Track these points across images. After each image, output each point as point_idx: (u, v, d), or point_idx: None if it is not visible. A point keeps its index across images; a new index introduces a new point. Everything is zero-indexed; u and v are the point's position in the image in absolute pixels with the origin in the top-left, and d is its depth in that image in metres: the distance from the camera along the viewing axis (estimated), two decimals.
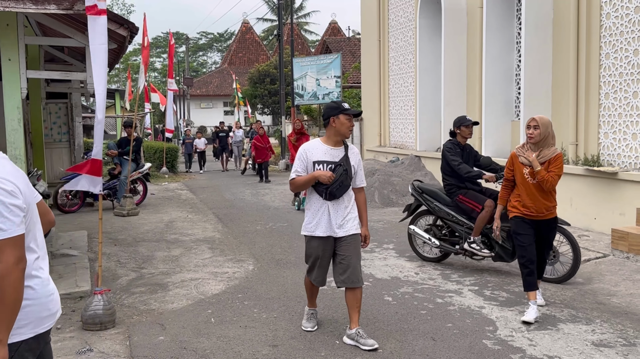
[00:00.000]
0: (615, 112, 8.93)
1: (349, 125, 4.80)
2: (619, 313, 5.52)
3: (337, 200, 4.78)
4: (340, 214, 4.80)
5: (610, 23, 8.97)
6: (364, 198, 5.02)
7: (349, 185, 4.80)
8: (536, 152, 5.33)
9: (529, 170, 5.34)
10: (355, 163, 4.86)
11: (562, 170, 5.29)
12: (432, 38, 14.11)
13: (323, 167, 4.77)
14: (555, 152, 5.30)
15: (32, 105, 11.10)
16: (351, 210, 4.86)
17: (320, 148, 4.83)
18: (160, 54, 72.74)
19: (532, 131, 5.28)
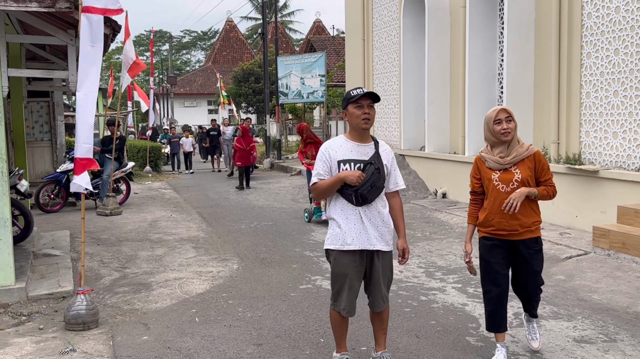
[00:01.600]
0: (596, 110, 9.03)
1: (360, 115, 3.99)
2: (600, 309, 5.59)
3: (370, 206, 4.03)
4: (375, 222, 4.06)
5: (591, 23, 9.07)
6: (401, 204, 4.25)
7: (382, 187, 4.05)
8: (505, 153, 4.24)
9: (500, 175, 4.23)
10: (387, 162, 4.11)
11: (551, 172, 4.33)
12: (416, 37, 14.17)
13: (350, 167, 4.02)
14: (530, 150, 4.25)
15: (14, 104, 10.98)
16: (387, 219, 4.13)
17: (345, 146, 4.08)
18: (142, 52, 72.26)
19: (506, 125, 4.16)
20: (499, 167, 4.25)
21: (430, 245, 8.45)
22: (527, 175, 4.19)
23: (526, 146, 4.28)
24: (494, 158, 4.26)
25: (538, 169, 4.25)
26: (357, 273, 4.10)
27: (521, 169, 4.22)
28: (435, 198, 12.52)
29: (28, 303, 5.99)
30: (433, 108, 13.02)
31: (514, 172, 4.21)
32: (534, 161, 4.25)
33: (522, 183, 4.19)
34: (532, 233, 4.25)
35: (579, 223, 8.85)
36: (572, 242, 8.07)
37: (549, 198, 4.25)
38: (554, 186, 4.27)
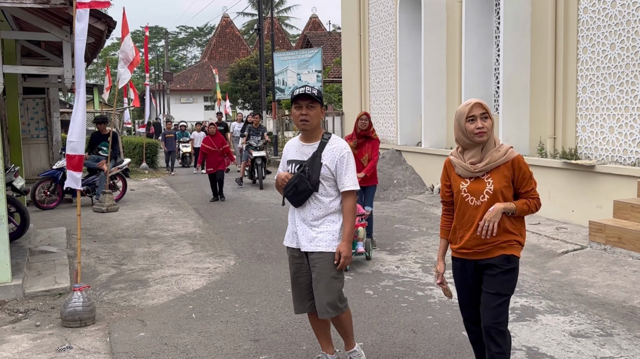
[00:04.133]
0: (592, 105, 9.04)
1: (299, 116, 3.89)
2: (596, 303, 5.61)
3: (304, 207, 3.94)
4: (308, 225, 3.94)
5: (587, 17, 9.07)
6: (350, 206, 3.92)
7: (308, 190, 3.86)
8: (477, 158, 3.47)
9: (469, 185, 3.48)
10: (330, 162, 3.88)
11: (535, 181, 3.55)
12: (412, 33, 14.16)
13: (292, 167, 3.99)
14: (508, 155, 3.45)
15: (9, 101, 10.95)
16: (326, 222, 3.92)
17: (295, 145, 4.06)
18: (138, 48, 72.03)
19: (481, 123, 3.40)
20: (469, 175, 3.49)
21: (427, 240, 8.46)
22: (502, 186, 3.42)
23: (504, 149, 3.46)
24: (464, 164, 3.50)
25: (517, 178, 3.46)
26: (298, 269, 4.05)
27: (495, 178, 3.43)
28: (431, 193, 12.53)
29: (24, 300, 5.98)
30: (429, 103, 13.02)
31: (486, 182, 3.44)
32: (511, 169, 3.44)
33: (494, 196, 3.42)
34: (504, 250, 3.47)
35: (575, 217, 8.86)
36: (569, 237, 8.09)
37: (530, 212, 3.51)
38: (537, 199, 3.50)
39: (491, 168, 3.45)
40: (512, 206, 3.41)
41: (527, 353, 4.49)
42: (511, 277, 3.50)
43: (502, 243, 3.46)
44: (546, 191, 9.42)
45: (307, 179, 3.87)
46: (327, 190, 3.93)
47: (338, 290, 3.94)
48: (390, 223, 9.79)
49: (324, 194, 3.93)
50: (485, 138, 3.44)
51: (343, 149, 3.94)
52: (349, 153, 3.95)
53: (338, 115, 19.50)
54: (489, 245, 3.45)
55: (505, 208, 3.39)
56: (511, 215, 3.45)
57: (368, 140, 7.71)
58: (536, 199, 3.51)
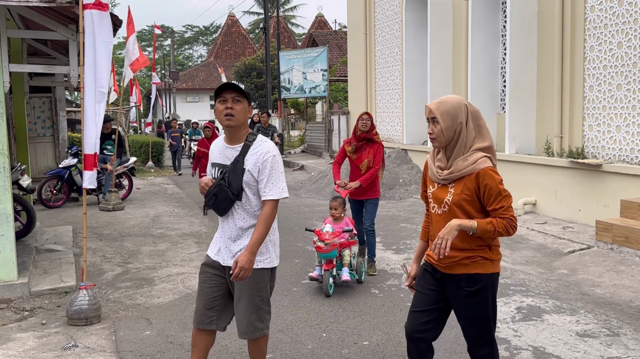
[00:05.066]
0: (599, 104, 9.00)
1: (223, 110, 3.47)
2: (603, 303, 5.58)
3: (227, 217, 3.54)
4: (231, 237, 3.54)
5: (594, 16, 9.02)
6: (265, 216, 3.44)
7: (229, 200, 3.46)
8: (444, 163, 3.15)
9: (435, 191, 3.19)
10: (254, 167, 3.44)
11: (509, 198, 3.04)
12: (418, 31, 14.13)
13: (215, 172, 3.59)
14: (475, 166, 3.03)
15: (16, 99, 10.98)
16: (249, 234, 3.50)
17: (219, 147, 3.63)
18: (145, 47, 72.23)
19: (430, 127, 3.14)
20: (436, 180, 3.19)
21: None
22: (462, 199, 3.05)
23: (473, 159, 3.04)
24: (433, 167, 3.23)
25: (482, 194, 3.03)
26: (208, 279, 3.61)
27: (457, 189, 3.08)
28: None
29: (31, 299, 5.99)
30: None
31: (449, 191, 3.10)
32: (476, 182, 3.02)
33: (452, 209, 3.07)
34: (466, 268, 3.08)
35: (582, 217, 8.82)
36: (575, 236, 8.05)
37: (498, 235, 3.01)
38: (508, 219, 2.99)
39: (455, 177, 3.08)
40: (472, 224, 2.98)
41: (533, 352, 4.47)
42: (480, 299, 3.11)
43: (464, 259, 3.08)
44: (553, 190, 9.39)
45: (228, 187, 3.45)
46: (250, 197, 3.48)
47: (259, 309, 3.54)
48: (396, 222, 9.77)
49: (249, 203, 3.49)
50: (436, 144, 3.14)
51: (267, 152, 3.46)
52: (274, 157, 3.47)
53: (344, 114, 19.48)
54: (451, 261, 3.10)
55: (462, 226, 2.99)
56: (472, 234, 3.04)
57: (369, 143, 6.74)
58: (507, 219, 3.00)
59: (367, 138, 6.75)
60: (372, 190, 6.70)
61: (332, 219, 6.23)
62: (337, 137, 20.04)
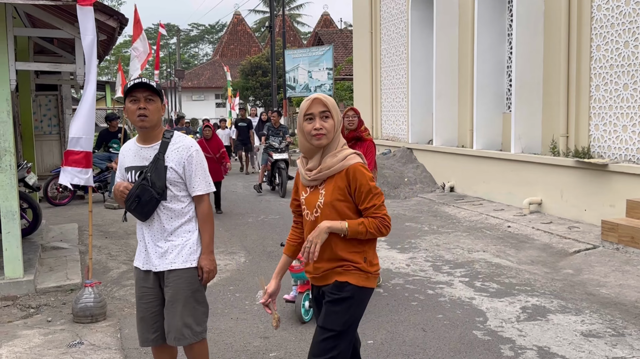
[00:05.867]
0: (605, 104, 8.96)
1: (135, 111, 3.28)
2: (608, 303, 5.57)
3: (152, 221, 3.38)
4: (159, 239, 3.37)
5: (601, 15, 8.99)
6: (204, 212, 3.41)
7: (154, 200, 3.30)
8: (315, 164, 2.93)
9: (307, 196, 2.98)
10: (178, 164, 3.34)
11: (381, 196, 2.88)
12: (423, 30, 14.10)
13: (131, 176, 3.40)
14: (345, 161, 2.87)
15: (22, 97, 11.02)
16: (181, 233, 3.38)
17: (132, 149, 3.44)
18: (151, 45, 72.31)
19: (320, 123, 2.86)
20: (307, 184, 2.98)
21: (438, 239, 8.43)
22: (335, 198, 2.85)
23: (342, 155, 2.88)
24: (302, 170, 3.00)
25: (353, 191, 2.85)
26: (144, 294, 3.43)
27: (327, 189, 2.88)
28: (442, 191, 12.49)
29: (36, 296, 6.02)
30: (441, 101, 12.97)
31: (320, 193, 2.91)
32: (346, 179, 2.85)
33: (325, 212, 2.86)
34: (338, 276, 2.87)
35: (588, 217, 8.80)
36: (581, 236, 8.03)
37: (370, 236, 2.84)
38: (380, 218, 2.84)
39: (325, 176, 2.89)
40: (343, 225, 2.81)
41: (538, 352, 4.46)
42: (341, 309, 2.84)
43: (337, 267, 2.88)
44: (558, 190, 9.36)
45: (151, 187, 3.28)
46: (177, 196, 3.37)
47: (196, 311, 3.40)
48: (400, 221, 9.76)
49: (174, 201, 3.36)
50: (325, 141, 2.87)
51: (190, 147, 3.37)
52: (198, 151, 3.40)
53: None
54: (326, 269, 2.89)
55: (332, 228, 2.81)
56: (345, 236, 2.84)
57: (359, 142, 6.17)
58: (379, 219, 2.83)
59: (356, 137, 6.17)
60: None
61: None
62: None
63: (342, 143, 2.95)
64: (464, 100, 12.60)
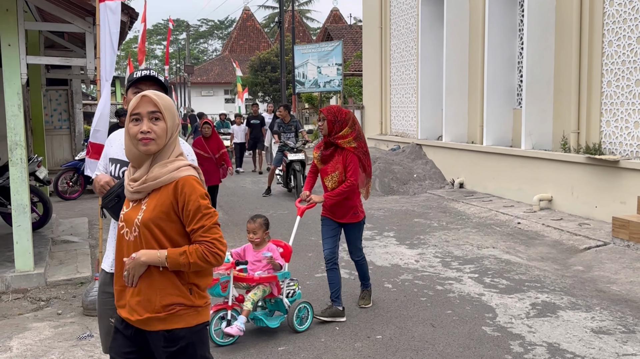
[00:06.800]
0: (617, 100, 8.89)
1: None
2: (618, 300, 5.53)
3: None
4: None
5: (613, 10, 8.91)
6: None
7: None
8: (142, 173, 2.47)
9: (129, 210, 2.50)
10: None
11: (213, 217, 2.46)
12: (433, 25, 14.04)
13: (115, 169, 3.17)
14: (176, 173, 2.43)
15: (32, 92, 11.07)
16: None
17: (120, 140, 3.16)
18: (160, 41, 72.50)
19: (148, 126, 2.42)
20: (130, 197, 2.50)
21: (447, 235, 8.41)
22: (156, 216, 2.39)
23: (175, 165, 2.44)
24: (126, 181, 2.53)
25: (182, 209, 2.40)
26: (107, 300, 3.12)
27: (150, 205, 2.42)
28: (452, 188, 12.45)
29: (47, 289, 6.05)
30: (451, 97, 12.91)
31: (141, 208, 2.44)
32: (173, 194, 2.40)
33: (143, 232, 2.41)
34: (164, 323, 2.41)
35: (599, 213, 8.74)
36: (591, 233, 7.98)
37: (196, 267, 2.40)
38: (209, 244, 2.40)
39: (150, 189, 2.43)
40: (162, 255, 2.36)
41: (548, 349, 4.44)
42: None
43: (161, 309, 2.39)
44: (569, 186, 9.30)
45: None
46: None
47: None
48: (409, 217, 9.74)
49: None
50: (153, 147, 2.41)
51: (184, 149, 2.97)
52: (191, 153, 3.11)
53: (358, 108, 19.43)
54: (148, 313, 2.40)
55: (149, 259, 2.36)
56: (163, 269, 2.39)
57: (338, 150, 5.07)
58: (205, 244, 2.39)
59: (335, 144, 5.09)
60: (351, 211, 5.15)
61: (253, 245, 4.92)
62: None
63: (177, 153, 2.48)
64: (474, 95, 12.55)
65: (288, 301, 4.87)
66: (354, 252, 5.35)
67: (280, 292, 4.84)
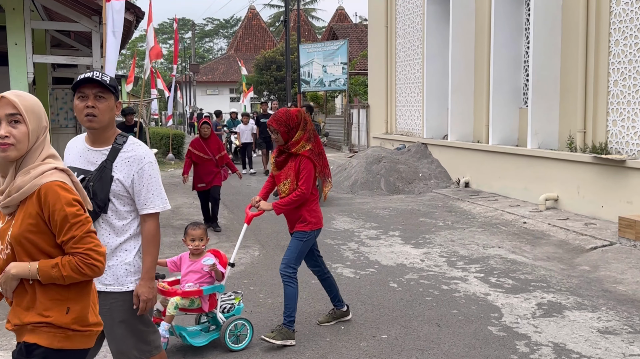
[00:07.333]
0: (624, 99, 8.86)
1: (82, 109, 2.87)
2: (625, 300, 5.51)
3: None
4: None
5: (619, 9, 8.87)
6: (150, 233, 3.02)
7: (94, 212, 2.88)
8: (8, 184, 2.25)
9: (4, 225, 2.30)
10: (127, 177, 2.94)
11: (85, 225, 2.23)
12: (439, 24, 14.01)
13: None
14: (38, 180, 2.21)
15: (39, 90, 11.12)
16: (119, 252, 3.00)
17: (79, 147, 3.05)
18: (166, 39, 72.62)
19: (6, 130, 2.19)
20: (2, 211, 2.31)
21: (452, 234, 8.39)
22: (26, 230, 2.20)
23: (38, 171, 2.22)
24: None
25: (49, 219, 2.19)
26: None
27: (18, 218, 2.22)
28: (457, 187, 12.43)
29: None
30: (456, 96, 12.89)
31: (11, 223, 2.24)
32: (38, 204, 2.19)
33: (14, 249, 2.23)
34: (29, 335, 2.24)
35: (605, 213, 8.71)
36: (598, 233, 7.95)
37: (70, 279, 2.21)
38: (84, 256, 2.20)
39: (16, 201, 2.22)
40: (33, 267, 2.18)
41: (554, 349, 4.43)
42: None
43: (30, 323, 2.23)
44: (575, 186, 9.27)
45: (92, 198, 2.88)
46: (119, 211, 2.98)
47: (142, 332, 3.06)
48: (415, 217, 9.73)
49: (116, 216, 2.98)
50: (13, 154, 2.19)
51: (143, 159, 2.97)
52: (151, 164, 2.99)
53: (363, 107, 19.42)
54: (17, 324, 2.27)
55: (19, 272, 2.19)
56: (34, 283, 2.23)
57: (292, 157, 4.69)
58: (79, 256, 2.20)
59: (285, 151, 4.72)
60: (299, 219, 4.73)
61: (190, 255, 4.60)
62: (357, 130, 19.99)
63: (44, 155, 2.25)
64: (479, 95, 12.52)
65: (223, 316, 4.52)
66: (283, 264, 4.68)
67: (215, 306, 4.48)
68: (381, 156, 13.35)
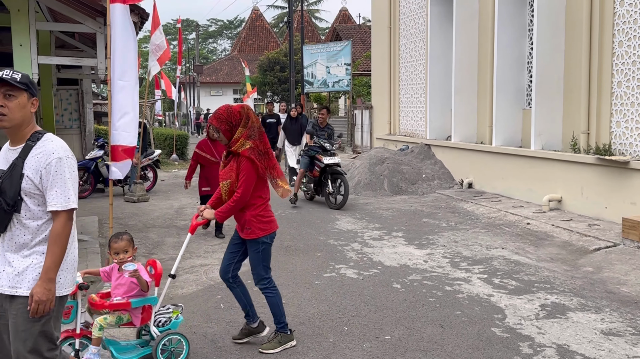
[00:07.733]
0: (627, 100, 8.85)
1: None
2: (628, 302, 5.51)
3: (5, 234, 2.93)
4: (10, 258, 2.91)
5: (623, 10, 8.86)
6: (57, 230, 2.88)
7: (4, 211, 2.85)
8: None
9: None
10: (35, 173, 2.87)
11: None
12: (443, 25, 14.02)
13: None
14: None
15: (43, 91, 11.15)
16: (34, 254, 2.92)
17: (3, 149, 3.05)
18: (170, 40, 72.66)
19: None
20: None
21: (456, 235, 8.39)
22: None
23: None
24: None
25: None
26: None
27: None
28: (461, 188, 12.42)
29: None
30: (460, 97, 12.89)
31: None
32: None
33: None
34: None
35: (608, 214, 8.70)
36: (601, 234, 7.95)
37: None
38: None
39: None
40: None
41: (557, 350, 4.43)
42: None
43: None
44: (579, 187, 9.27)
45: (1, 196, 2.84)
46: (32, 210, 2.89)
47: (40, 346, 2.90)
48: (418, 218, 9.73)
49: (30, 216, 2.90)
50: None
51: (51, 154, 2.88)
52: (59, 160, 2.89)
53: (367, 108, 19.42)
54: None
55: None
56: None
57: (235, 157, 4.41)
58: None
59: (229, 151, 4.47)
60: (244, 226, 4.46)
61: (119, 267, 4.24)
62: (360, 131, 20.00)
63: None
64: (483, 95, 12.51)
65: (157, 330, 4.26)
66: (255, 278, 4.55)
67: (149, 319, 4.25)
68: (384, 157, 13.35)
